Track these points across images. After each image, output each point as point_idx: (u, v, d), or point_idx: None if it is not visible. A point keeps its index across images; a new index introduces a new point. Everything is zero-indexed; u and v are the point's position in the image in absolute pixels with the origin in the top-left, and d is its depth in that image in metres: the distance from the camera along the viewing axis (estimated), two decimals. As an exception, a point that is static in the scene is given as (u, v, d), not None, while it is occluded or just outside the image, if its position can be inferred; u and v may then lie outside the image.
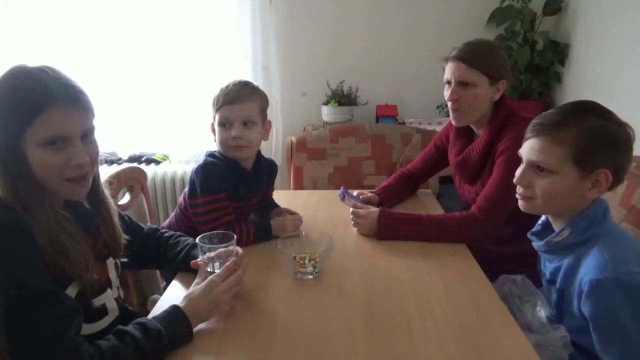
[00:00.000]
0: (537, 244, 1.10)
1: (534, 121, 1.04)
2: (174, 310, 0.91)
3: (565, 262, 1.03)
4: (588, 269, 0.95)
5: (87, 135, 0.89)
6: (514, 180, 1.07)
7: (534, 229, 1.15)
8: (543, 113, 1.05)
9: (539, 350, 0.94)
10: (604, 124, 0.96)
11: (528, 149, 1.04)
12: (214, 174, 1.33)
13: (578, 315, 0.98)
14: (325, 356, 0.86)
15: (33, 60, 0.87)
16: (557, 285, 1.06)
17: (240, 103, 1.30)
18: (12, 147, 0.82)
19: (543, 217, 1.14)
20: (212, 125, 1.37)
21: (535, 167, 1.02)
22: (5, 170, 0.82)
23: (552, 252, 1.07)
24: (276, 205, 1.57)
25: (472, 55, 1.40)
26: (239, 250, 1.08)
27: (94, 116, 0.90)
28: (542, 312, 1.09)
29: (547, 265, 1.11)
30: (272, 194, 1.60)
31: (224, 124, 1.32)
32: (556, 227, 1.06)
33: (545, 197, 1.02)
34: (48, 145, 0.83)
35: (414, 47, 2.72)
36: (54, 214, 0.86)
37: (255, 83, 1.39)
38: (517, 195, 1.08)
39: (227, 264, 1.02)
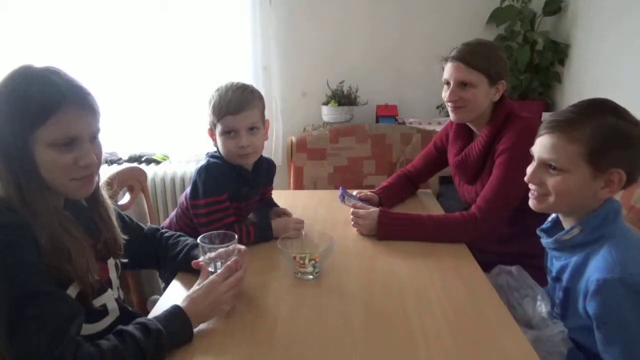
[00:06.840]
0: (545, 241, 1.09)
1: (548, 118, 1.02)
2: (175, 310, 0.91)
3: (573, 260, 1.02)
4: (596, 268, 0.94)
5: (94, 136, 0.90)
6: (525, 178, 1.05)
7: (544, 226, 1.14)
8: (557, 110, 1.02)
9: (538, 345, 0.93)
10: (618, 123, 0.94)
11: (540, 146, 1.01)
12: (217, 175, 1.32)
13: (583, 315, 0.98)
14: (325, 356, 0.86)
15: (34, 61, 0.86)
16: (564, 283, 1.05)
17: (244, 111, 1.28)
18: (19, 147, 0.82)
19: (553, 215, 1.13)
20: (210, 130, 1.35)
21: (547, 165, 1.00)
22: (10, 170, 0.82)
23: (560, 249, 1.06)
24: (275, 205, 1.57)
25: (471, 56, 1.40)
26: (241, 247, 1.08)
27: (100, 117, 0.91)
28: (543, 307, 1.08)
29: (554, 263, 1.10)
30: (271, 193, 1.60)
31: (229, 132, 1.30)
32: (566, 224, 1.05)
33: (556, 195, 1.00)
34: (58, 145, 0.84)
35: (414, 47, 2.73)
36: (56, 214, 0.86)
37: (255, 83, 1.39)
38: (529, 194, 1.06)
39: (228, 263, 1.02)
